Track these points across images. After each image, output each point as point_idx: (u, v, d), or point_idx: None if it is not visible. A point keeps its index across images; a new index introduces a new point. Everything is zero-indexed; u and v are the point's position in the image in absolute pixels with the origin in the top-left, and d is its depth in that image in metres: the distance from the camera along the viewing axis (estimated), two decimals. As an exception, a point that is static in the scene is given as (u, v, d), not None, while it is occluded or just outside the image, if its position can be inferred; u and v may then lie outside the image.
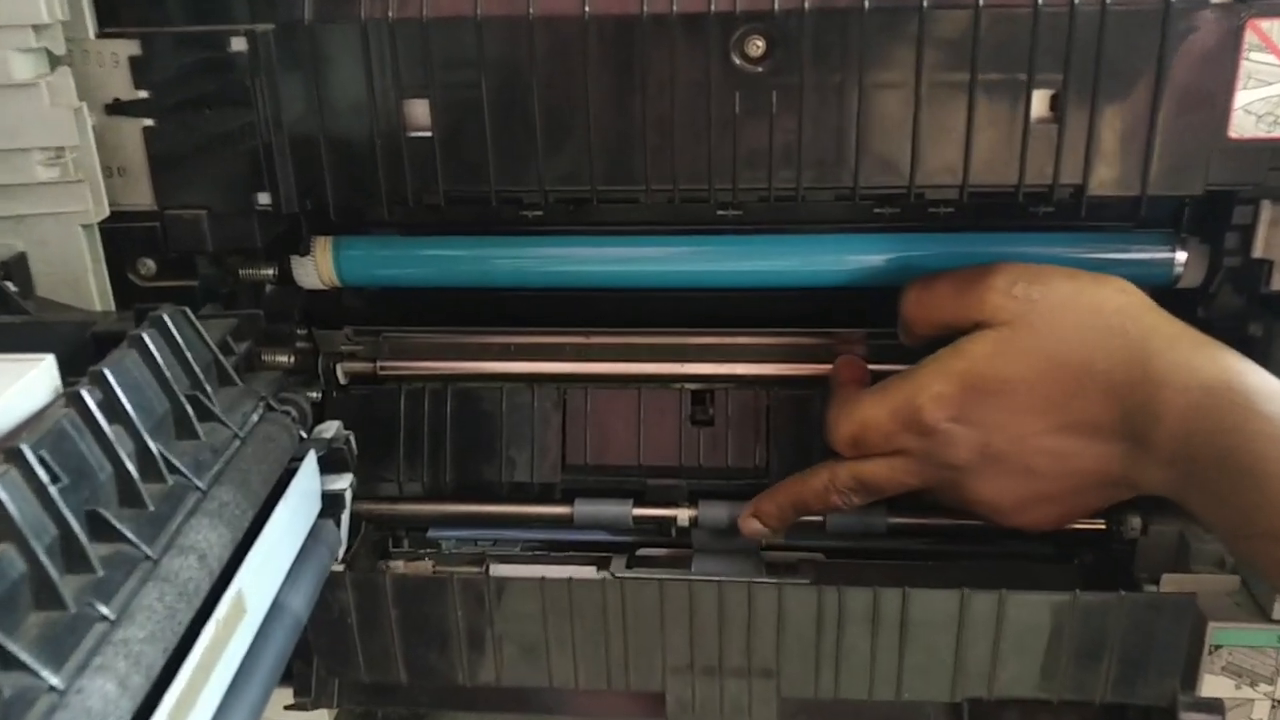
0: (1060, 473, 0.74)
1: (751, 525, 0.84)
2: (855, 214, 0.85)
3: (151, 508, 0.55)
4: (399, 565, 0.95)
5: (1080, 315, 0.70)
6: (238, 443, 0.64)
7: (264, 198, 0.74)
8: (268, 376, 0.72)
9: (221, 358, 0.67)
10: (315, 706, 0.87)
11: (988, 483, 0.76)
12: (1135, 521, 0.87)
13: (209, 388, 0.64)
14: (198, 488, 0.58)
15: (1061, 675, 0.82)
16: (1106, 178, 0.73)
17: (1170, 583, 0.85)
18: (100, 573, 0.47)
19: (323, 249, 0.85)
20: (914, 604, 0.80)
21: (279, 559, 0.64)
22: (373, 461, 0.88)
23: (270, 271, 0.85)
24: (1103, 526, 0.88)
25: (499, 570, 0.93)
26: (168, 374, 0.60)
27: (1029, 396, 0.71)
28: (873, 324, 0.87)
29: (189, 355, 0.62)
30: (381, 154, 0.72)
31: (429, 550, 0.97)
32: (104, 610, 0.45)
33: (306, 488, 0.69)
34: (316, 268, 0.85)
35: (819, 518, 0.87)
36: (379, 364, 0.90)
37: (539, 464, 0.89)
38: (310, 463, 0.70)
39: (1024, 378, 0.71)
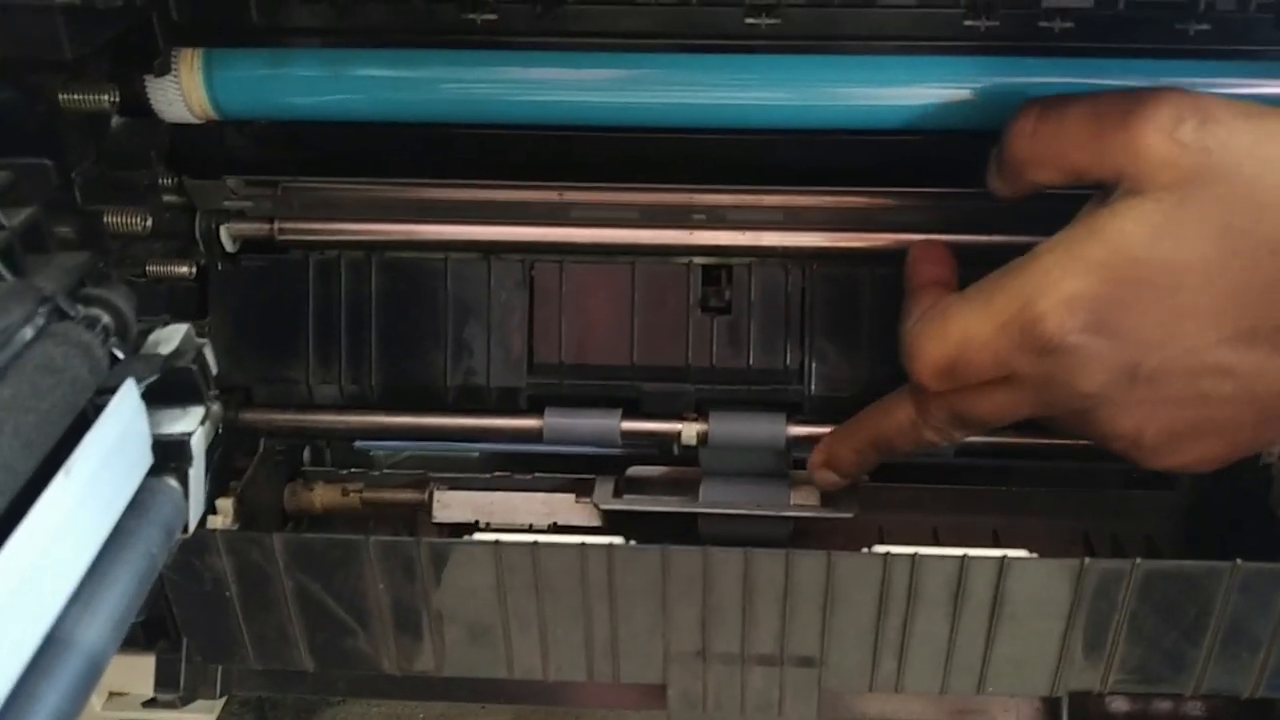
0: (1238, 397, 0.58)
1: (826, 477, 0.72)
2: (937, 28, 0.66)
3: None
4: (314, 492, 0.79)
5: None
6: (-10, 378, 0.40)
7: (65, -20, 0.53)
8: (63, 263, 0.49)
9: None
10: (189, 701, 0.70)
11: (1130, 413, 0.60)
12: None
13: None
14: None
15: (1202, 663, 0.67)
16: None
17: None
18: None
19: (190, 66, 0.67)
20: (1014, 578, 0.64)
21: (59, 565, 0.41)
22: (272, 355, 0.75)
23: (107, 98, 0.62)
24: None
25: (446, 500, 0.79)
26: None
27: (1203, 292, 0.55)
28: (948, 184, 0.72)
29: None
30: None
31: (354, 471, 0.81)
32: None
33: (121, 437, 0.46)
34: (183, 92, 0.67)
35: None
36: (278, 225, 0.74)
37: (498, 362, 0.75)
38: (127, 397, 0.47)
39: (1199, 265, 0.55)
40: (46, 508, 0.40)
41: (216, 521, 0.67)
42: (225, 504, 0.68)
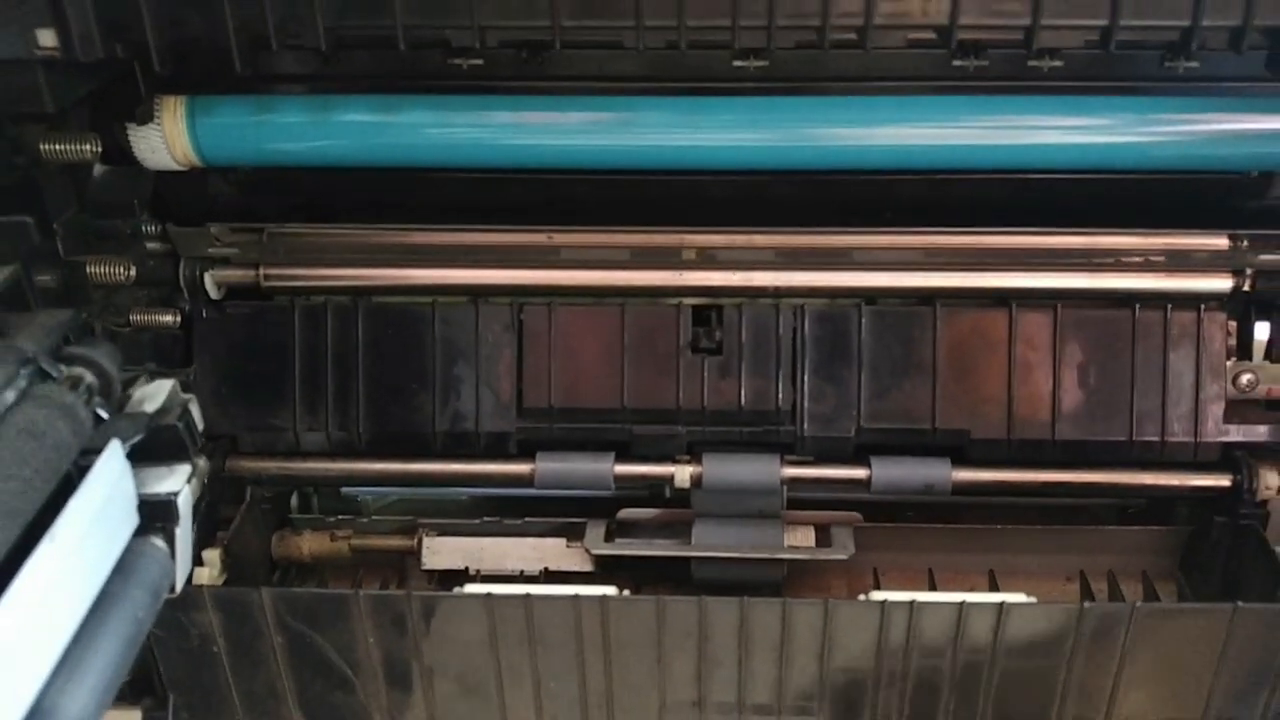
0: None
1: None
2: (924, 69, 0.67)
3: None
4: (301, 539, 0.77)
5: None
6: (-29, 444, 0.39)
7: (47, 37, 0.53)
8: (45, 322, 0.48)
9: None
10: (173, 757, 0.68)
11: None
12: (1272, 479, 0.72)
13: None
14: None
15: (1206, 700, 0.66)
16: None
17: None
18: None
19: (173, 114, 0.66)
20: (1013, 621, 0.63)
21: (45, 634, 0.40)
22: (258, 402, 0.74)
23: (89, 147, 0.61)
24: (1224, 483, 0.73)
25: (435, 546, 0.77)
26: None
27: None
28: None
29: None
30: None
31: (342, 518, 0.80)
32: None
33: (106, 499, 0.45)
34: (166, 139, 0.66)
35: (861, 471, 0.72)
36: (263, 271, 0.74)
37: (487, 407, 0.74)
38: (112, 459, 0.46)
39: None
40: (31, 576, 0.39)
41: (203, 574, 0.66)
42: (212, 555, 0.67)
